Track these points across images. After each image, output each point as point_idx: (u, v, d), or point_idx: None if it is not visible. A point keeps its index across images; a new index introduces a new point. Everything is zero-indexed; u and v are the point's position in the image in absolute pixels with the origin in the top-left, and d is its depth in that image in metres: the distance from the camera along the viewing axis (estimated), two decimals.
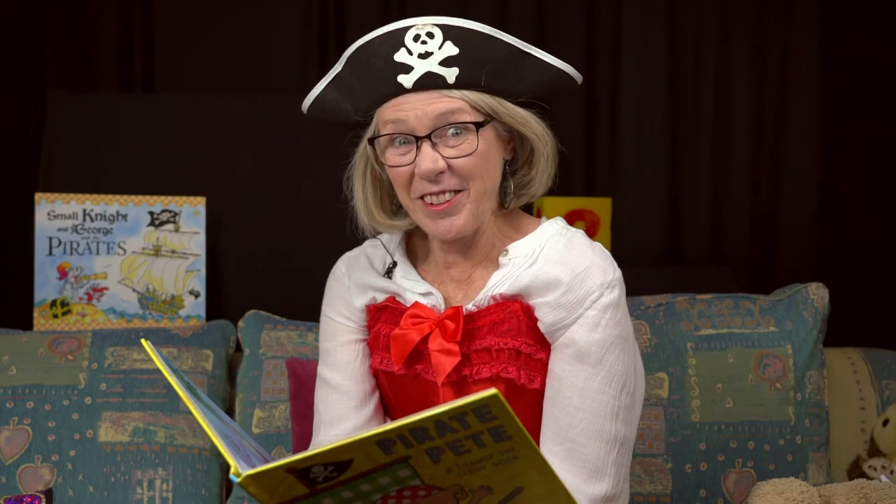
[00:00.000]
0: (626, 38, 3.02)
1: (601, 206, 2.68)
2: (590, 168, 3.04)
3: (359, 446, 0.92)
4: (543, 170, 1.38)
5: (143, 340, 1.17)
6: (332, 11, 2.95)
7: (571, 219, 2.60)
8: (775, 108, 3.05)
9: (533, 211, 2.58)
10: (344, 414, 1.45)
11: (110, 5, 2.87)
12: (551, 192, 1.43)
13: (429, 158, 1.29)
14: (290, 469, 0.94)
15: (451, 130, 1.29)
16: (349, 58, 1.32)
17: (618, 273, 1.34)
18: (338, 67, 1.34)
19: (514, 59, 1.29)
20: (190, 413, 1.86)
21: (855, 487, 1.51)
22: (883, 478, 1.83)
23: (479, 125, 1.29)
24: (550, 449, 1.31)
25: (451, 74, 1.27)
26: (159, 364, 1.12)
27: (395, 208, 1.44)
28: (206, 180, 2.47)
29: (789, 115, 3.05)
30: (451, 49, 1.26)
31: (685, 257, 3.05)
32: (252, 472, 0.94)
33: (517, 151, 1.39)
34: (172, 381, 1.09)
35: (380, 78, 1.29)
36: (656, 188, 3.04)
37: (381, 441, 0.92)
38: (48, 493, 1.75)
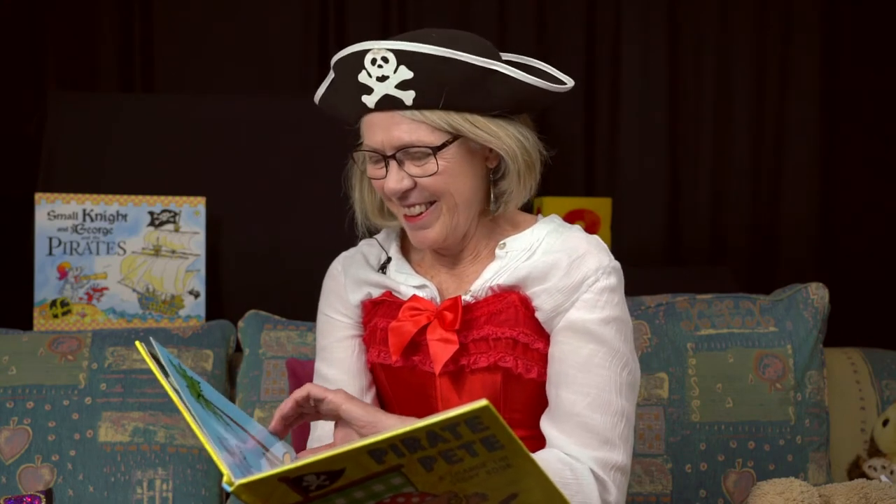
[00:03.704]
0: (626, 38, 3.01)
1: (601, 206, 2.68)
2: (590, 168, 3.03)
3: (351, 456, 0.92)
4: (517, 183, 1.37)
5: (137, 343, 1.17)
6: (332, 11, 2.94)
7: (571, 219, 2.59)
8: (775, 108, 3.04)
9: (533, 210, 2.57)
10: None
11: (110, 5, 2.86)
12: (551, 191, 1.43)
13: (394, 178, 1.31)
14: (282, 478, 0.94)
15: (413, 151, 1.30)
16: (332, 67, 1.34)
17: (615, 263, 1.36)
18: (331, 75, 1.36)
19: (477, 78, 1.28)
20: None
21: (855, 487, 1.51)
22: (883, 478, 1.83)
23: (436, 149, 1.30)
24: (560, 428, 1.31)
25: (408, 97, 1.27)
26: (153, 367, 1.11)
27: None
28: (206, 180, 2.47)
29: (789, 116, 3.04)
30: (405, 73, 1.26)
31: (685, 257, 3.04)
32: (244, 480, 0.94)
33: (501, 159, 1.38)
34: (166, 384, 1.09)
35: (350, 94, 1.31)
36: (656, 188, 3.03)
37: (373, 451, 0.92)
38: (48, 493, 1.75)
